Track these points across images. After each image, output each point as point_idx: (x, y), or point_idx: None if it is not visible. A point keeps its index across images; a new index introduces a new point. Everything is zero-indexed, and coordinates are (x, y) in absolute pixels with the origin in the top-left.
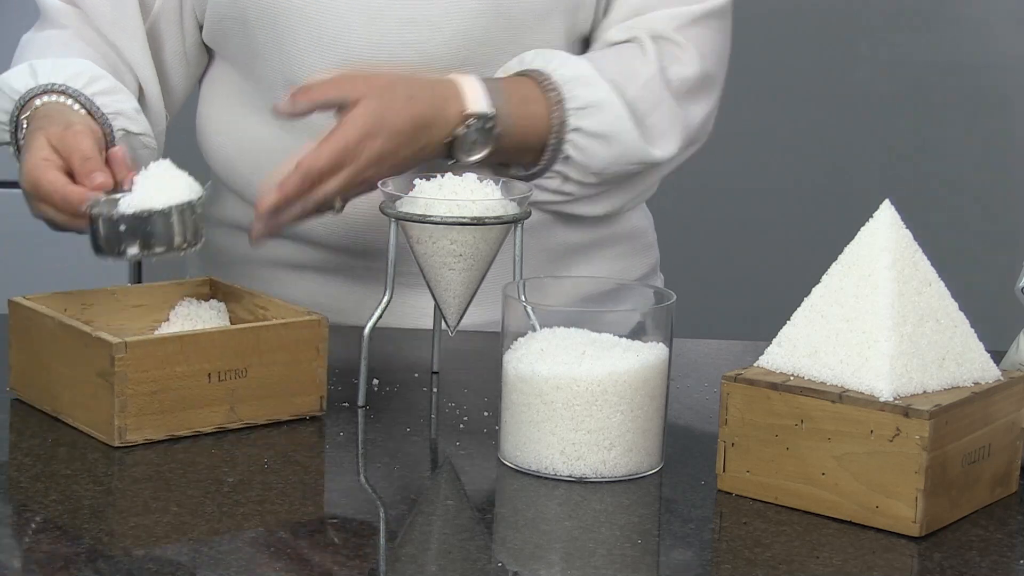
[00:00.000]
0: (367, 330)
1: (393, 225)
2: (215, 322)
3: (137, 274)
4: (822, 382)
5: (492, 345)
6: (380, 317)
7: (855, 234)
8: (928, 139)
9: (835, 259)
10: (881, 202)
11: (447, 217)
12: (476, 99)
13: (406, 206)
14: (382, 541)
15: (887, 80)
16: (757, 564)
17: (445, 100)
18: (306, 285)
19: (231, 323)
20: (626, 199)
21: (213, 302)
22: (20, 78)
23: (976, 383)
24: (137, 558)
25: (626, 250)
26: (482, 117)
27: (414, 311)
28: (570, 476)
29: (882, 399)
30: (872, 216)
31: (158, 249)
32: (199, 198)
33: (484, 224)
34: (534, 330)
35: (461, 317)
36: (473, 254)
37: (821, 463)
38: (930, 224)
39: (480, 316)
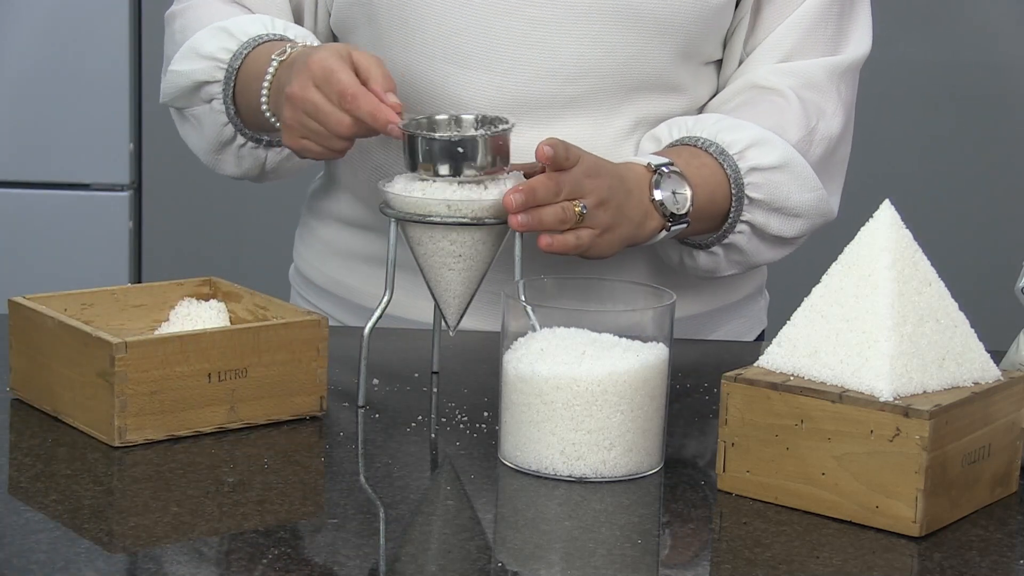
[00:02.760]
0: (367, 330)
1: (393, 225)
2: (215, 322)
3: (137, 274)
4: (822, 382)
5: (492, 345)
6: (380, 317)
7: (855, 234)
8: (928, 139)
9: (835, 259)
10: (881, 202)
11: (447, 218)
12: (650, 158)
13: (406, 208)
14: (382, 541)
15: (887, 80)
16: (757, 564)
17: (625, 161)
18: (401, 285)
19: (231, 323)
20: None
21: (213, 302)
22: (217, 41)
23: (976, 383)
24: (137, 558)
25: None
26: (663, 165)
27: (414, 311)
28: (570, 476)
29: (882, 399)
30: (872, 216)
31: (468, 172)
32: (510, 125)
33: (484, 224)
34: (534, 330)
35: (461, 317)
36: (472, 255)
37: (821, 463)
38: (930, 224)
39: (480, 319)
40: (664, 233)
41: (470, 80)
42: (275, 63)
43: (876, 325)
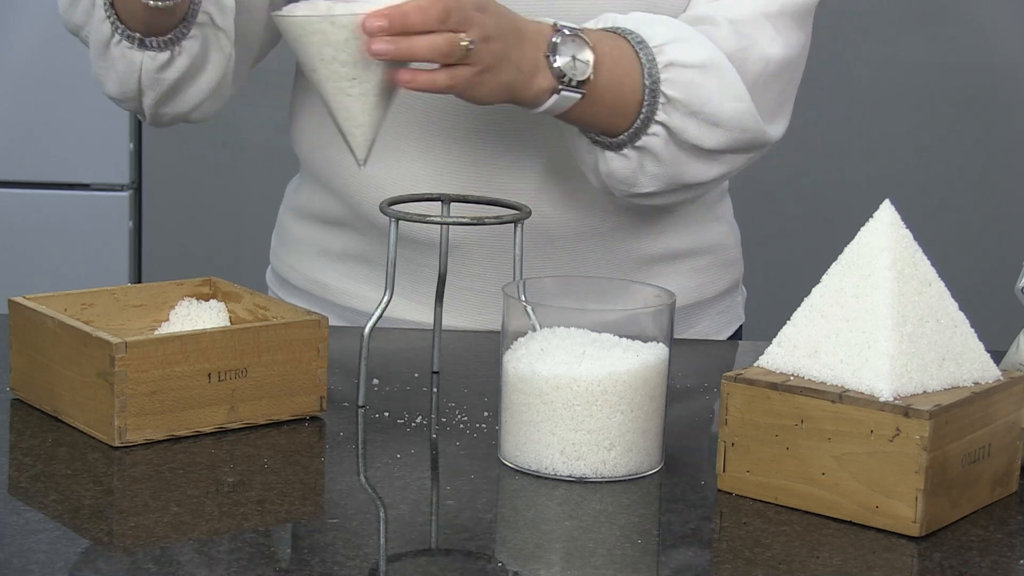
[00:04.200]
0: (367, 330)
1: (392, 225)
2: (215, 322)
3: (137, 274)
4: (822, 382)
5: (492, 345)
6: (380, 317)
7: (855, 234)
8: (928, 139)
9: (835, 259)
10: (881, 202)
11: (447, 218)
12: (559, 20)
13: (291, 28)
14: (382, 541)
15: (887, 80)
16: (757, 564)
17: (533, 19)
18: (379, 283)
19: (231, 323)
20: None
21: (213, 302)
22: None
23: (976, 383)
24: (137, 558)
25: (708, 264)
26: (567, 27)
27: (414, 311)
28: (570, 476)
29: (882, 399)
30: (872, 216)
31: None
32: None
33: (484, 224)
34: (534, 330)
35: (369, 150)
36: (368, 77)
37: (821, 463)
38: (930, 224)
39: (480, 319)
40: (555, 97)
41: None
42: None
43: (876, 325)
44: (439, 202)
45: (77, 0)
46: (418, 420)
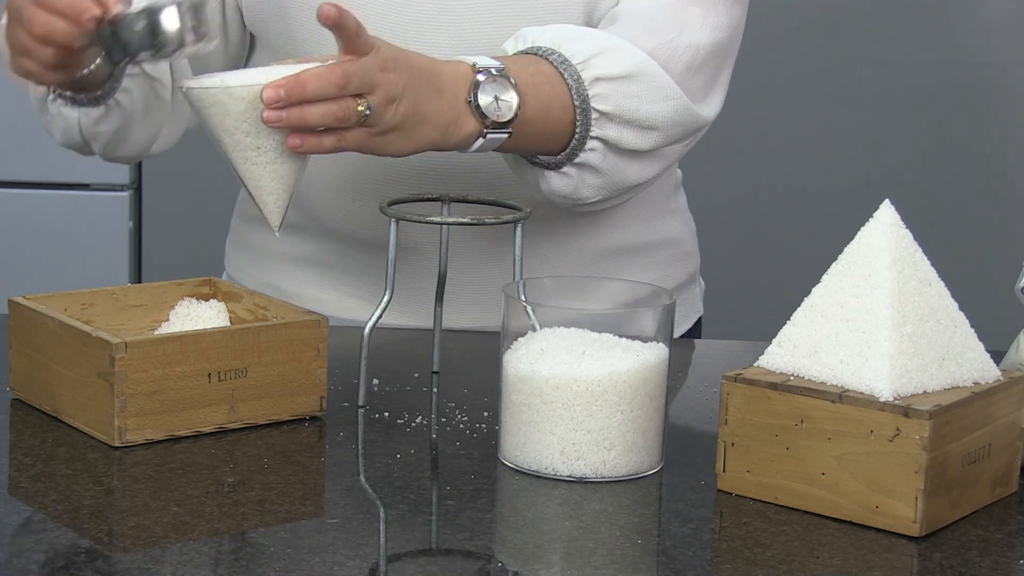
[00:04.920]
0: (367, 330)
1: (392, 225)
2: (215, 322)
3: (137, 274)
4: (822, 382)
5: (492, 345)
6: (380, 317)
7: (855, 234)
8: (928, 139)
9: (835, 259)
10: (881, 202)
11: (447, 218)
12: (479, 59)
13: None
14: (382, 541)
15: (887, 80)
16: (757, 564)
17: (453, 59)
18: (332, 285)
19: (231, 323)
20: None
21: (213, 302)
22: None
23: (976, 383)
24: (137, 558)
25: (664, 258)
26: (492, 67)
27: (414, 311)
28: (570, 476)
29: (882, 399)
30: (872, 216)
31: (170, 47)
32: None
33: (483, 224)
34: (534, 330)
35: (283, 216)
36: (272, 145)
37: (821, 463)
38: (930, 224)
39: (480, 319)
40: (481, 140)
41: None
42: None
43: (876, 325)
44: (439, 202)
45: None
46: (418, 420)
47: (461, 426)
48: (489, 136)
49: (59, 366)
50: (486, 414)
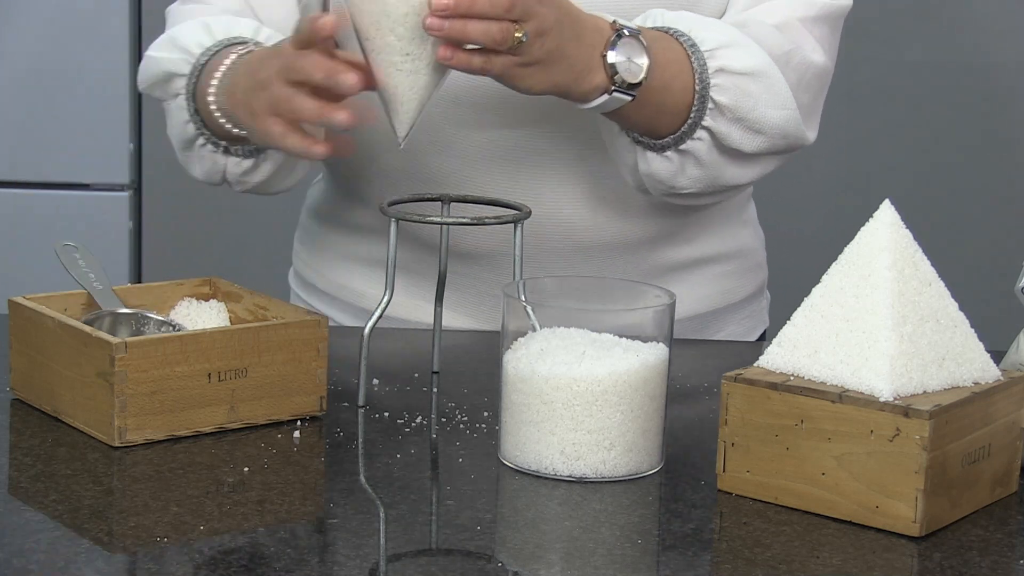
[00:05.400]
0: (367, 330)
1: (392, 225)
2: (215, 322)
3: (137, 274)
4: (822, 382)
5: (492, 345)
6: (380, 317)
7: (855, 234)
8: (928, 139)
9: (835, 259)
10: (881, 202)
11: (447, 218)
12: (618, 19)
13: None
14: (382, 541)
15: (887, 80)
16: (757, 564)
17: (593, 15)
18: (404, 287)
19: (231, 323)
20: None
21: (213, 302)
22: (195, 35)
23: (976, 383)
24: (137, 558)
25: (735, 268)
26: (629, 29)
27: (414, 311)
28: (570, 476)
29: (882, 399)
30: (872, 216)
31: None
32: None
33: (484, 224)
34: (534, 330)
35: (411, 128)
36: (420, 54)
37: (821, 463)
38: (930, 224)
39: (480, 319)
40: (605, 97)
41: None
42: (232, 58)
43: (876, 325)
44: (439, 202)
45: (156, 85)
46: (418, 420)
47: (461, 426)
48: (614, 94)
49: (59, 366)
50: (486, 414)
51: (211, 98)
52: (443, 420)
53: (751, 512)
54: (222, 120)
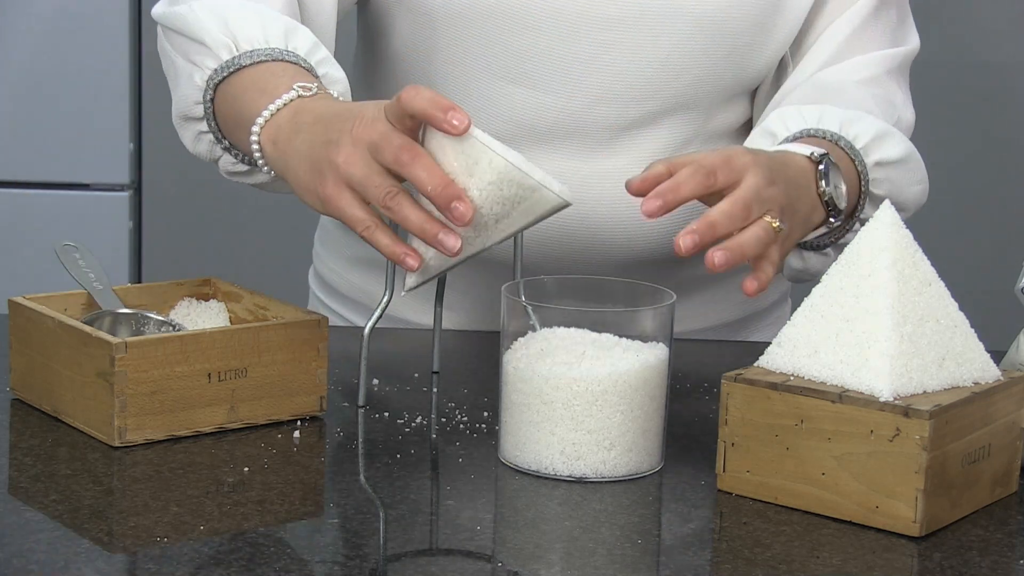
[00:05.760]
0: (367, 330)
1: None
2: (215, 322)
3: (137, 274)
4: (822, 382)
5: (492, 345)
6: (380, 317)
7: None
8: (928, 139)
9: (835, 259)
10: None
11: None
12: (800, 147)
13: None
14: (382, 541)
15: None
16: (757, 564)
17: (780, 150)
18: (426, 296)
19: (231, 323)
20: None
21: (213, 302)
22: (248, 26)
23: (976, 383)
24: (137, 558)
25: None
26: (823, 157)
27: (414, 311)
28: (570, 476)
29: (882, 399)
30: (872, 216)
31: None
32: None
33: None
34: (534, 330)
35: (425, 282)
36: (475, 238)
37: (821, 463)
38: (930, 224)
39: (480, 319)
40: (824, 229)
41: (531, 100)
42: (293, 96)
43: (876, 325)
44: None
45: (180, 36)
46: (418, 420)
47: (461, 426)
48: (834, 223)
49: (59, 366)
50: (486, 414)
51: (256, 128)
52: (443, 420)
53: (751, 512)
54: (259, 158)
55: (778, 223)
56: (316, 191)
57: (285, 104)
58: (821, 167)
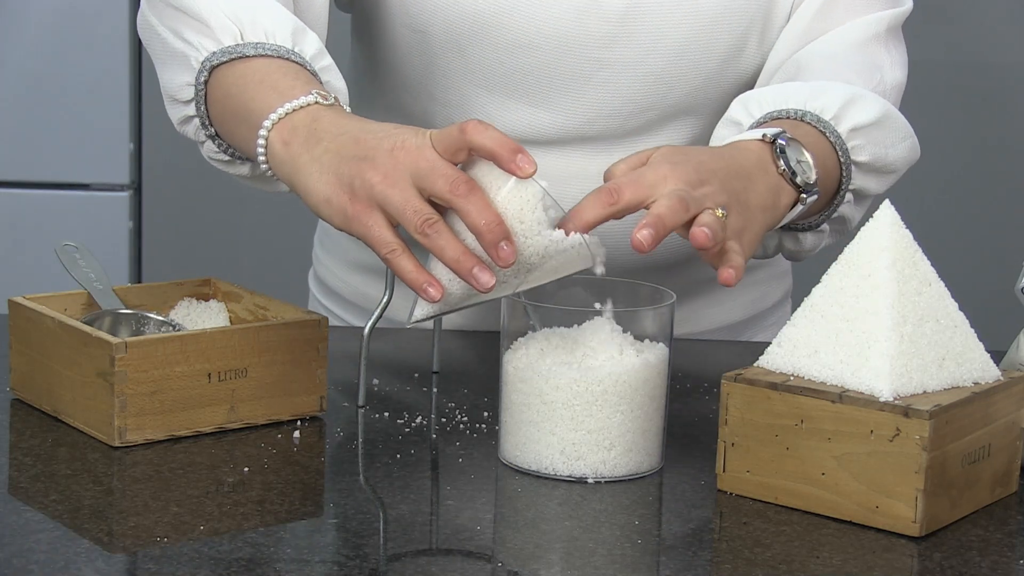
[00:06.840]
0: (367, 330)
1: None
2: (215, 322)
3: (137, 274)
4: (822, 382)
5: (492, 345)
6: (380, 317)
7: (855, 234)
8: (928, 139)
9: (835, 259)
10: (881, 202)
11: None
12: (752, 132)
13: None
14: (382, 541)
15: None
16: (757, 564)
17: (730, 141)
18: (407, 287)
19: (231, 323)
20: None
21: (213, 302)
22: (263, 15)
23: (976, 383)
24: (137, 558)
25: (764, 276)
26: (778, 136)
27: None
28: (570, 476)
29: (882, 399)
30: (872, 216)
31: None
32: None
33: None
34: (534, 330)
35: (432, 317)
36: (518, 284)
37: (821, 463)
38: (930, 224)
39: (480, 319)
40: (799, 207)
41: (530, 115)
42: (310, 100)
43: (876, 325)
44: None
45: (180, 3)
46: (418, 420)
47: (461, 426)
48: (808, 200)
49: (59, 366)
50: (486, 414)
51: (267, 123)
52: (443, 420)
53: (751, 512)
54: (262, 155)
55: (722, 211)
56: (341, 205)
57: (302, 107)
58: (776, 146)
